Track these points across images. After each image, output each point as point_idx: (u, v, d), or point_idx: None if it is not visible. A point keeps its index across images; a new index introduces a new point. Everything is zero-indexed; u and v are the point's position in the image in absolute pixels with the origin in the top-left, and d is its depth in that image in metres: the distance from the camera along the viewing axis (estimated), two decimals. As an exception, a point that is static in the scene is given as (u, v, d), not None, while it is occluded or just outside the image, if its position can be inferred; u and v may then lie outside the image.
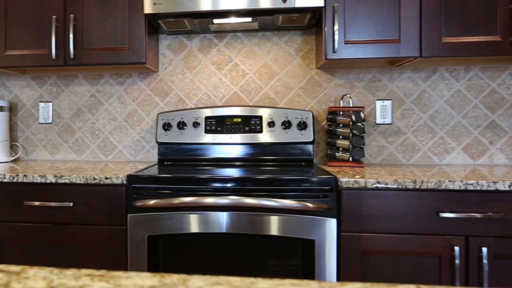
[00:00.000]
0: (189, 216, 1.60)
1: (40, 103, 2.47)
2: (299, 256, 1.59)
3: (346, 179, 1.61)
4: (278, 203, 1.55)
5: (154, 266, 1.65)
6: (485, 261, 1.57)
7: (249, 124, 2.11)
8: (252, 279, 0.59)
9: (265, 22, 2.04)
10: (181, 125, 2.14)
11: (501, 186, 1.58)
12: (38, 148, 2.50)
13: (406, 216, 1.62)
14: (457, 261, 1.58)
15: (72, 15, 2.05)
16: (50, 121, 2.46)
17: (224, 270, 1.62)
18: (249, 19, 1.95)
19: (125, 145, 2.43)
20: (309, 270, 1.58)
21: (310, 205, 1.54)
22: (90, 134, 2.46)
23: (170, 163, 2.20)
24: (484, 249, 1.57)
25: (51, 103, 2.47)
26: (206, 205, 1.56)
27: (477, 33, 1.86)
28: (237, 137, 2.14)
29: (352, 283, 0.58)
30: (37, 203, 1.76)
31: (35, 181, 1.78)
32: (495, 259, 1.59)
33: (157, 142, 2.21)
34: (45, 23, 2.09)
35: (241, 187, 1.64)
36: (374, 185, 1.61)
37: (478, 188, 1.59)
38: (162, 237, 1.61)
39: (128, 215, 1.65)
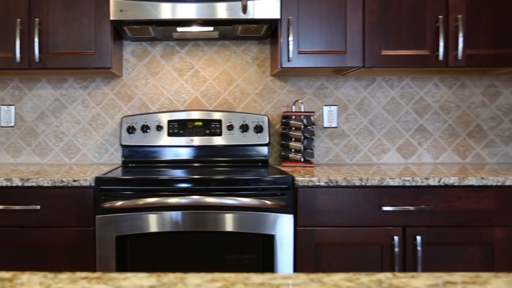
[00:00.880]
0: (155, 216, 1.57)
1: (2, 106, 2.30)
2: (260, 250, 1.61)
3: (301, 178, 1.66)
4: (239, 202, 1.56)
5: (122, 266, 1.59)
6: (419, 248, 1.68)
7: (210, 127, 2.10)
8: (245, 275, 0.59)
9: (225, 31, 2.03)
10: (145, 128, 2.09)
11: (432, 182, 1.70)
12: (0, 152, 2.32)
13: (353, 210, 1.69)
14: (396, 249, 1.68)
15: (37, 19, 1.93)
16: (13, 124, 2.29)
17: (191, 267, 1.60)
18: (210, 28, 1.94)
19: (89, 148, 2.32)
20: (269, 263, 1.61)
21: (269, 202, 1.57)
22: (54, 137, 2.32)
23: (134, 165, 2.14)
24: (418, 238, 1.68)
25: (13, 107, 2.30)
26: (170, 205, 1.54)
27: (409, 47, 1.98)
28: (198, 140, 2.12)
29: (336, 274, 0.60)
30: (1, 207, 1.65)
31: (0, 184, 1.67)
32: (427, 245, 1.70)
33: (121, 145, 2.14)
34: (9, 26, 1.95)
35: (203, 187, 1.63)
36: (326, 183, 1.67)
37: (413, 184, 1.70)
38: (130, 237, 1.56)
39: (96, 216, 1.59)
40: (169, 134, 2.09)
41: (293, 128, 2.09)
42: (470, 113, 2.32)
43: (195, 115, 2.16)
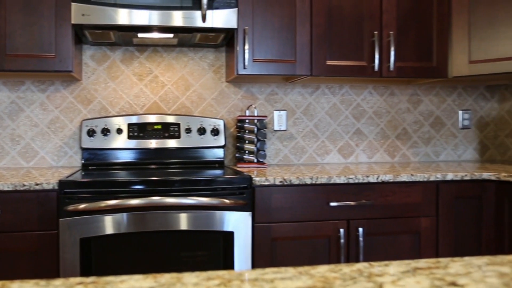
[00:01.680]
0: (119, 217, 1.50)
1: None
2: (221, 247, 1.60)
3: (258, 178, 1.68)
4: (199, 201, 1.54)
5: (87, 268, 1.50)
6: (361, 238, 1.77)
7: (169, 130, 2.05)
8: (240, 271, 0.60)
9: (184, 39, 1.99)
10: (105, 131, 1.98)
11: (371, 179, 1.80)
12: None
13: (305, 206, 1.74)
14: (342, 241, 1.75)
15: (-7, 20, 1.77)
16: (-34, 127, 2.07)
17: (156, 266, 1.55)
18: (171, 35, 1.89)
19: (48, 151, 2.15)
20: (229, 258, 1.61)
21: (227, 201, 1.57)
22: (10, 140, 2.12)
23: (94, 167, 2.03)
24: (360, 229, 1.77)
25: (-34, 109, 2.07)
26: (133, 206, 1.48)
27: (350, 59, 2.08)
28: (158, 143, 2.06)
29: (321, 266, 0.62)
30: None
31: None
32: (367, 236, 1.80)
33: (81, 148, 2.03)
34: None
35: (165, 188, 1.59)
36: (281, 182, 1.70)
37: (356, 181, 1.78)
38: (94, 239, 1.48)
39: (60, 219, 1.48)
40: (129, 137, 2.00)
41: (247, 131, 2.10)
42: (398, 118, 2.49)
43: (154, 118, 2.09)
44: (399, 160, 2.49)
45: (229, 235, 1.60)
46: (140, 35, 1.89)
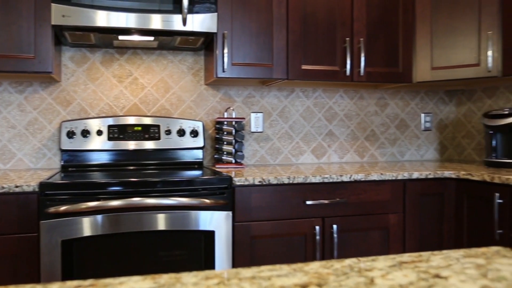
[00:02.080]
0: (101, 219, 1.45)
1: None
2: (202, 246, 1.59)
3: (238, 178, 1.67)
4: (179, 202, 1.52)
5: (68, 271, 1.44)
6: (335, 235, 1.80)
7: (149, 132, 2.00)
8: (236, 270, 0.59)
9: (164, 42, 1.96)
10: (85, 133, 1.91)
11: (345, 178, 1.83)
12: None
13: (282, 205, 1.75)
14: (317, 237, 1.78)
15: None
16: None
17: (138, 267, 1.51)
18: (151, 38, 1.85)
19: (26, 153, 2.05)
20: (210, 257, 1.59)
21: (208, 201, 1.56)
22: None
23: (74, 169, 1.95)
24: (335, 226, 1.80)
25: None
26: (114, 207, 1.44)
27: (324, 64, 2.12)
28: (138, 144, 2.01)
29: (313, 262, 0.63)
30: None
31: None
32: (341, 233, 1.84)
33: (60, 149, 1.94)
34: None
35: (146, 189, 1.56)
36: (260, 182, 1.71)
37: (331, 180, 1.81)
38: (76, 240, 1.42)
39: (40, 221, 1.42)
40: (110, 139, 1.94)
41: (226, 133, 2.10)
42: (366, 120, 2.55)
43: (134, 120, 2.04)
44: (367, 160, 2.55)
45: (210, 234, 1.58)
46: (121, 37, 1.84)
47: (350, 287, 0.52)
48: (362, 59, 2.12)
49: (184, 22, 1.68)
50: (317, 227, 1.77)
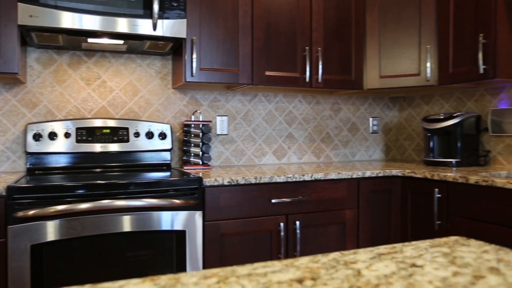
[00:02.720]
0: (70, 222, 1.36)
1: None
2: (174, 245, 1.54)
3: (208, 179, 1.65)
4: (150, 203, 1.47)
5: (38, 276, 1.33)
6: (298, 231, 1.84)
7: (118, 134, 1.91)
8: (232, 268, 0.59)
9: (133, 46, 1.88)
10: (52, 135, 1.78)
11: (306, 178, 1.88)
12: None
13: (250, 204, 1.76)
14: (282, 234, 1.80)
15: None
16: None
17: (111, 268, 1.43)
18: (121, 42, 1.77)
19: None
20: (182, 255, 1.56)
21: (178, 201, 1.52)
22: None
23: (41, 172, 1.81)
24: (297, 223, 1.84)
25: None
26: (85, 210, 1.36)
27: (286, 70, 2.15)
28: (107, 146, 1.91)
29: (302, 258, 0.64)
30: None
31: None
32: (303, 228, 1.88)
33: (26, 152, 1.80)
34: None
35: (117, 191, 1.48)
36: (229, 182, 1.70)
37: (294, 180, 1.85)
38: (46, 245, 1.32)
39: (8, 226, 1.30)
40: (78, 141, 1.83)
41: (193, 135, 2.06)
42: (322, 124, 2.63)
43: (103, 123, 1.94)
44: (323, 160, 2.63)
45: (182, 234, 1.55)
46: (90, 40, 1.74)
47: (342, 279, 0.54)
48: (320, 66, 2.18)
49: (154, 27, 1.62)
50: (282, 224, 1.79)
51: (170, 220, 1.54)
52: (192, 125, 2.07)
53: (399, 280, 0.53)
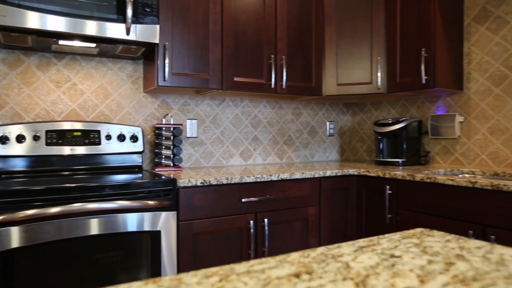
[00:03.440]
0: (42, 226, 1.25)
1: None
2: (149, 245, 1.48)
3: (182, 180, 1.61)
4: (124, 205, 1.41)
5: (9, 282, 1.21)
6: (266, 228, 1.85)
7: (89, 137, 1.79)
8: (230, 266, 0.58)
9: (105, 49, 1.78)
10: (20, 138, 1.63)
11: (274, 178, 1.89)
12: None
13: (221, 203, 1.74)
14: (252, 231, 1.80)
15: None
16: None
17: (83, 272, 1.34)
18: (93, 45, 1.66)
19: None
20: (157, 255, 1.50)
21: (154, 202, 1.47)
22: None
23: (8, 176, 1.64)
24: (266, 220, 1.85)
25: None
26: (55, 214, 1.26)
27: (253, 77, 2.16)
28: (78, 149, 1.79)
29: (292, 253, 0.64)
30: None
31: None
32: (271, 225, 1.90)
33: None
34: None
35: (92, 193, 1.40)
36: (202, 183, 1.67)
37: (262, 180, 1.86)
38: (17, 250, 1.20)
39: None
40: (48, 144, 1.69)
41: (164, 138, 2.00)
42: (285, 127, 2.68)
43: (74, 125, 1.82)
44: (286, 161, 2.67)
45: (157, 234, 1.49)
46: (61, 42, 1.62)
47: (334, 272, 0.55)
48: (284, 74, 2.22)
49: (128, 31, 1.55)
50: (251, 222, 1.79)
51: (145, 221, 1.48)
52: (164, 128, 2.01)
53: (384, 270, 0.56)
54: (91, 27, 1.56)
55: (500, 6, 2.06)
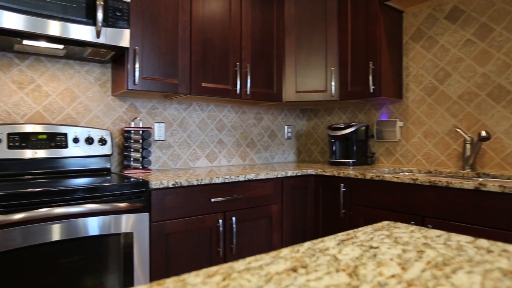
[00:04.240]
0: (8, 233, 1.12)
1: None
2: (121, 247, 1.39)
3: (155, 182, 1.54)
4: (86, 209, 1.31)
5: None
6: (234, 226, 1.84)
7: (55, 140, 1.63)
8: (228, 264, 0.56)
9: (72, 51, 1.65)
10: None
11: (241, 178, 1.89)
12: None
13: (192, 204, 1.70)
14: (221, 229, 1.78)
15: None
16: None
17: (55, 278, 1.22)
18: (61, 46, 1.52)
19: None
20: (130, 256, 1.42)
21: (126, 205, 1.39)
22: None
23: None
24: (234, 218, 1.84)
25: None
26: (21, 220, 1.14)
27: (219, 83, 2.14)
28: (44, 152, 1.62)
29: (283, 249, 0.64)
30: None
31: None
32: (238, 223, 1.89)
33: None
34: None
35: (64, 197, 1.28)
36: (173, 185, 1.61)
37: (230, 180, 1.84)
38: None
39: None
40: (9, 147, 1.51)
41: (133, 141, 1.90)
42: (247, 131, 2.68)
43: (38, 128, 1.65)
44: (248, 163, 2.68)
45: (129, 236, 1.41)
46: (25, 42, 1.47)
47: (326, 265, 0.56)
48: (249, 81, 2.22)
49: (98, 34, 1.46)
50: (220, 220, 1.77)
51: (118, 223, 1.39)
52: (133, 131, 1.91)
53: (369, 261, 0.58)
54: (54, 28, 1.44)
55: (432, 27, 2.26)
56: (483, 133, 1.87)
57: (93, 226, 1.34)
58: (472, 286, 0.48)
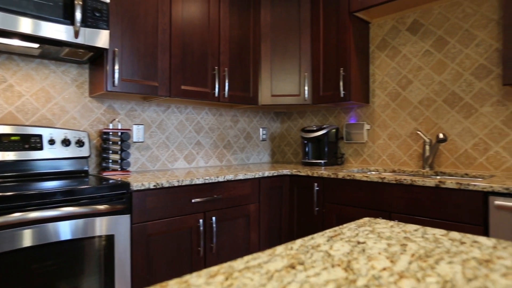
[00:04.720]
0: None
1: None
2: (103, 249, 1.32)
3: (136, 183, 1.49)
4: (62, 212, 1.23)
5: None
6: (214, 225, 1.81)
7: (29, 142, 1.51)
8: (228, 264, 0.55)
9: (48, 51, 1.54)
10: None
11: (220, 179, 1.87)
12: None
13: (173, 205, 1.65)
14: (201, 229, 1.75)
15: None
16: None
17: (32, 282, 1.13)
18: (36, 45, 1.42)
19: None
20: (110, 258, 1.35)
21: (106, 207, 1.32)
22: None
23: None
24: (214, 218, 1.81)
25: None
26: (10, 223, 1.05)
27: (198, 85, 2.11)
28: (17, 155, 1.50)
29: (277, 247, 0.64)
30: None
31: None
32: (218, 223, 1.86)
33: None
34: None
35: (43, 200, 1.20)
36: (154, 186, 1.56)
37: (210, 181, 1.82)
38: None
39: None
40: None
41: (112, 143, 1.82)
42: (224, 133, 2.66)
43: (10, 129, 1.52)
44: (225, 164, 2.66)
45: (110, 238, 1.35)
46: (1, 40, 1.36)
47: (321, 261, 0.57)
48: (226, 84, 2.21)
49: (76, 34, 1.38)
50: (201, 220, 1.74)
51: (99, 226, 1.32)
52: (111, 133, 1.83)
53: (359, 255, 0.59)
54: (26, 25, 1.34)
55: (395, 38, 2.37)
56: (441, 136, 1.98)
57: (72, 229, 1.26)
58: (456, 276, 0.51)
